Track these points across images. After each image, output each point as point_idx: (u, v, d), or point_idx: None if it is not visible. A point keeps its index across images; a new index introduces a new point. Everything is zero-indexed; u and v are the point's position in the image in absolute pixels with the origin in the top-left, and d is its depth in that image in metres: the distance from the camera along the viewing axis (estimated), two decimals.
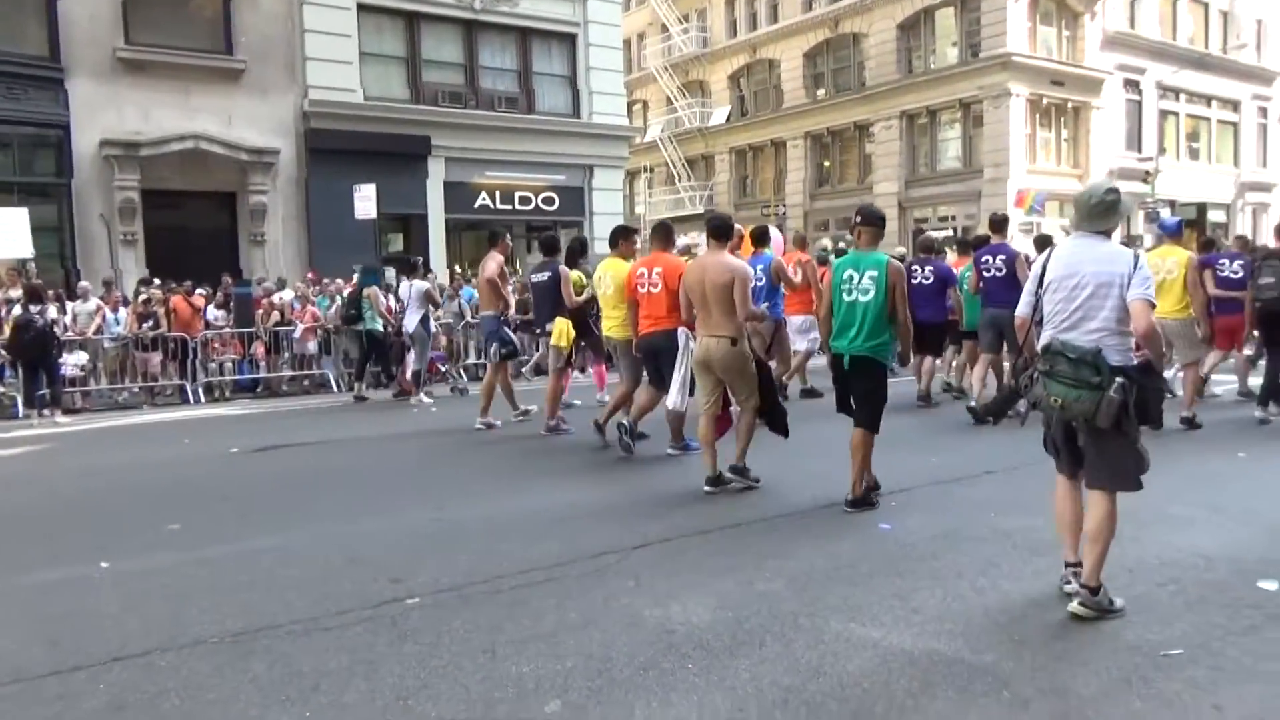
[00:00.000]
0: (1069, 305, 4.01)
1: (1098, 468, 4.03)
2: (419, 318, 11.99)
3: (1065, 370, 3.90)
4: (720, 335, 6.22)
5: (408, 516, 6.06)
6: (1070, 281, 4.01)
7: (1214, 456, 7.32)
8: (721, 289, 6.13)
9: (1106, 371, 3.83)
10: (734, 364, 6.27)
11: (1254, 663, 3.49)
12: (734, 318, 6.18)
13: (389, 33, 19.72)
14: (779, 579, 4.52)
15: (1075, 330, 3.98)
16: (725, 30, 38.43)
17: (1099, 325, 3.93)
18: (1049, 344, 4.03)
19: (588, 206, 22.17)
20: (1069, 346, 3.93)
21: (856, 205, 22.17)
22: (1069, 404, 3.90)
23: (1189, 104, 34.38)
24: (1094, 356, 3.86)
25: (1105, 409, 3.80)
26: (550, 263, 9.33)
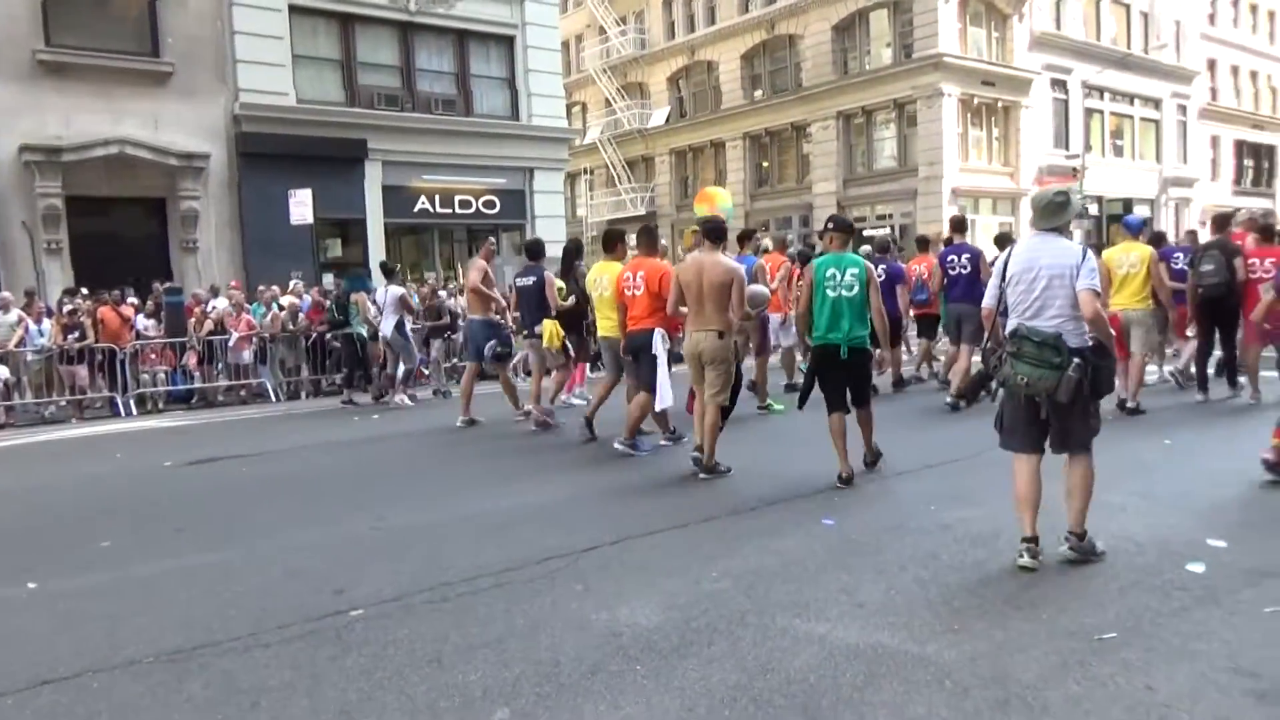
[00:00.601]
0: (1029, 296, 4.51)
1: (1064, 436, 4.57)
2: (394, 322, 12.03)
3: (1031, 352, 4.38)
4: (710, 329, 6.71)
5: (349, 526, 5.96)
6: (1029, 275, 4.51)
7: (1143, 444, 7.55)
8: (719, 288, 6.61)
9: (1066, 353, 4.34)
10: (719, 355, 6.76)
11: (1183, 643, 3.60)
12: (725, 314, 6.67)
13: (323, 35, 19.38)
14: (726, 578, 4.54)
15: (1038, 318, 4.47)
16: (663, 32, 38.58)
17: (1056, 312, 4.44)
18: (1015, 330, 4.51)
19: (529, 209, 22.06)
20: (1033, 332, 4.42)
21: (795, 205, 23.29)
22: (1034, 382, 4.38)
23: (1113, 102, 35.45)
24: (1055, 340, 4.36)
25: (1065, 385, 4.31)
26: (535, 267, 9.55)
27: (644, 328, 7.54)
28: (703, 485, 6.69)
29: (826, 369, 6.46)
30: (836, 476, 6.38)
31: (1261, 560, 4.52)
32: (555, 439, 9.16)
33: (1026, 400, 4.53)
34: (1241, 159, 43.41)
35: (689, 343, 6.89)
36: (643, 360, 7.60)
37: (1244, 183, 43.56)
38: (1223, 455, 7.09)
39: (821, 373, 6.48)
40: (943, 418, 9.25)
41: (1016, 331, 4.49)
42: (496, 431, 10.05)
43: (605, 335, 8.65)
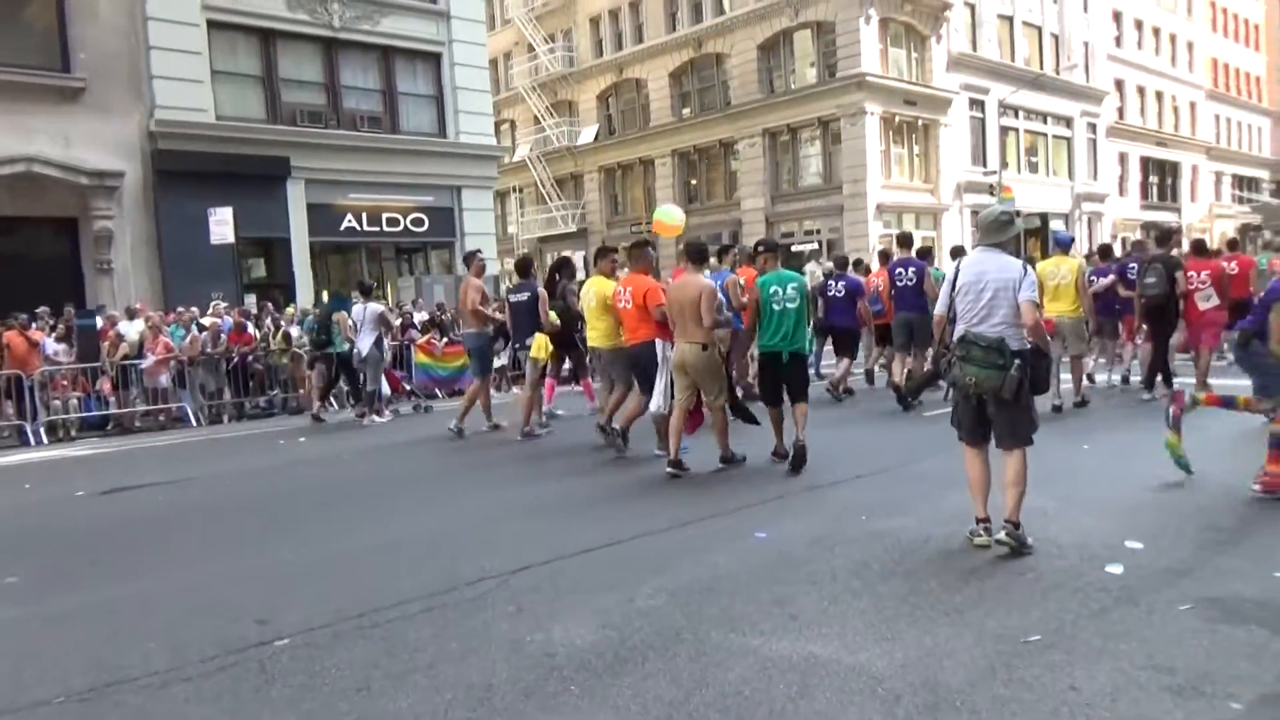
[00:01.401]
0: (976, 304, 4.98)
1: (1005, 432, 5.02)
2: (372, 340, 12.18)
3: (979, 355, 4.87)
4: (693, 342, 7.25)
5: (273, 554, 5.79)
6: (977, 285, 4.98)
7: (1062, 450, 7.77)
8: (691, 303, 7.18)
9: (1009, 355, 4.83)
10: (705, 366, 7.29)
11: (1104, 643, 3.70)
12: (704, 327, 7.20)
13: (243, 50, 19.00)
14: (660, 594, 4.52)
15: (984, 324, 4.95)
16: (592, 50, 38.76)
17: (1000, 320, 4.92)
18: (964, 335, 4.98)
19: (459, 227, 21.89)
20: (980, 337, 4.90)
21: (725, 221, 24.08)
22: (981, 381, 4.89)
23: (1027, 121, 36.74)
24: (999, 344, 4.85)
25: (1009, 384, 4.81)
26: (527, 283, 9.98)
27: (640, 339, 8.10)
28: (633, 502, 6.68)
29: (771, 370, 7.40)
30: (772, 452, 7.53)
31: (1175, 560, 4.68)
32: (479, 458, 9.07)
33: (975, 399, 5.01)
34: (1148, 175, 45.36)
35: (675, 355, 7.46)
36: (649, 369, 8.15)
37: (1151, 197, 45.52)
38: (1138, 459, 7.33)
39: (765, 373, 7.47)
40: (874, 428, 9.42)
41: (965, 337, 4.96)
42: (422, 451, 9.92)
43: (592, 344, 9.11)
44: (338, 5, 19.61)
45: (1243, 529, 5.18)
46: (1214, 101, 50.94)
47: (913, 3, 31.01)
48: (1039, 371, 5.05)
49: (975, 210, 33.37)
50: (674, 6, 35.39)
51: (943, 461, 7.62)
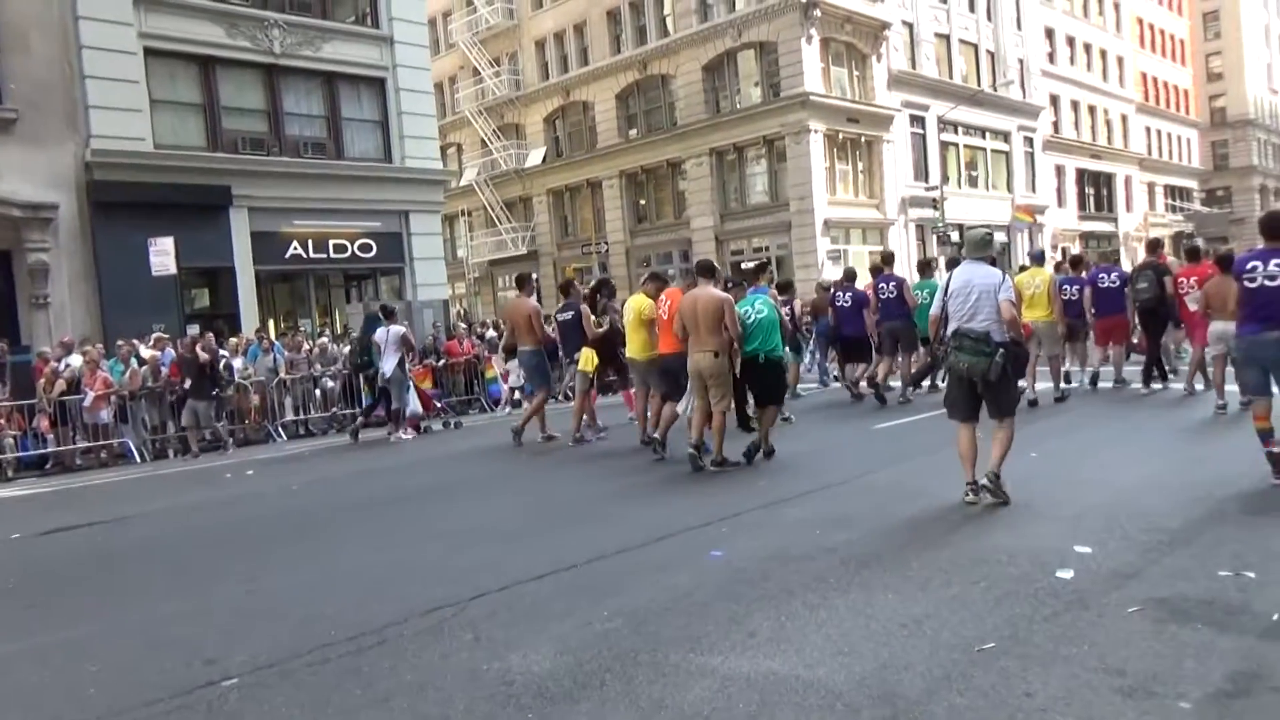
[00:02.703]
0: (965, 305, 6.13)
1: (994, 407, 6.22)
2: (395, 361, 12.73)
3: (969, 345, 6.06)
4: (707, 350, 8.01)
5: (220, 591, 5.63)
6: (966, 290, 6.15)
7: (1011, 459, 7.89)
8: (712, 314, 7.91)
9: (993, 345, 5.99)
10: (717, 371, 8.05)
11: (1056, 647, 3.75)
12: (718, 336, 7.97)
13: (182, 78, 18.67)
14: (618, 617, 4.48)
15: (972, 321, 6.10)
16: (538, 73, 38.85)
17: (985, 317, 6.07)
18: (956, 330, 6.17)
19: (407, 252, 21.67)
20: (970, 331, 6.08)
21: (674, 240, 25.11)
22: (972, 366, 6.05)
23: (966, 136, 37.59)
24: (985, 336, 6.03)
25: (994, 369, 5.99)
26: (571, 303, 10.97)
27: (676, 350, 8.70)
28: (586, 525, 6.63)
29: (750, 373, 8.37)
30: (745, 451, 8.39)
31: (1123, 563, 4.77)
32: (436, 482, 8.97)
33: (966, 382, 6.16)
34: (1084, 186, 46.62)
35: (691, 362, 8.21)
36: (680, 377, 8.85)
37: (1088, 208, 46.78)
38: (1085, 465, 7.49)
39: (746, 375, 8.40)
40: (825, 442, 9.49)
41: (958, 331, 6.14)
42: (385, 477, 9.77)
43: (630, 356, 9.97)
44: (278, 31, 19.40)
45: (1187, 530, 5.30)
46: (1144, 115, 52.62)
47: (852, 23, 31.61)
48: (1018, 358, 6.43)
49: (919, 224, 34.03)
50: (619, 29, 35.66)
51: (893, 474, 7.74)
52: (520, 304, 11.25)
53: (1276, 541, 4.98)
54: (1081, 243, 44.64)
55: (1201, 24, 62.95)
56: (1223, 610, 4.05)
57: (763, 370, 8.34)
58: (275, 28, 19.35)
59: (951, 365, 6.24)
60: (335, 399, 15.43)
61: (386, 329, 12.84)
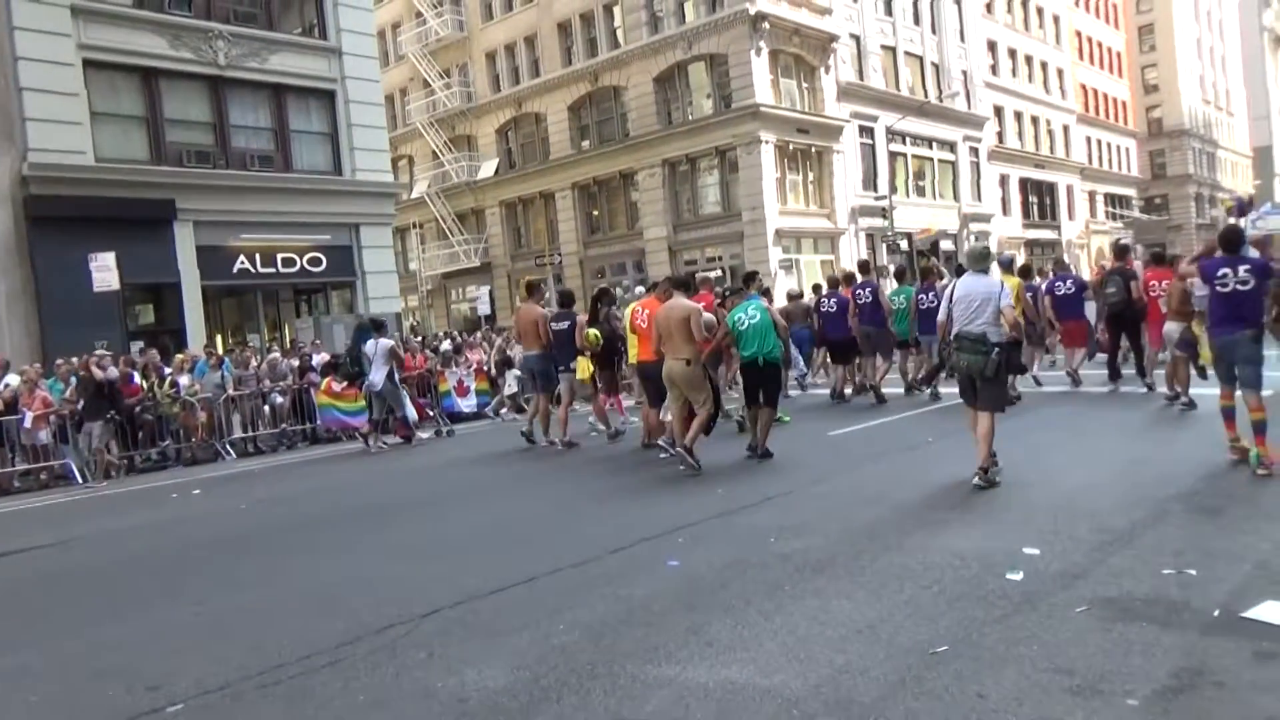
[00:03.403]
0: (968, 311, 7.01)
1: (982, 399, 7.06)
2: (385, 373, 12.90)
3: (969, 346, 6.92)
4: (680, 358, 8.45)
5: (166, 614, 5.49)
6: (968, 298, 7.04)
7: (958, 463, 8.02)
8: (680, 323, 8.36)
9: (990, 345, 6.85)
10: (690, 378, 8.49)
11: (1007, 648, 3.80)
12: (691, 344, 8.38)
13: (124, 90, 18.30)
14: (574, 630, 4.46)
15: (971, 325, 6.96)
16: (489, 85, 38.73)
17: (983, 321, 6.94)
18: (958, 332, 7.03)
19: (358, 265, 21.43)
20: (969, 333, 6.94)
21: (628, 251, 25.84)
22: (971, 364, 6.92)
23: (914, 146, 38.20)
24: (983, 337, 6.88)
25: (990, 366, 6.83)
26: (568, 313, 11.27)
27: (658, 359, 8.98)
28: (542, 537, 6.59)
29: (750, 376, 8.91)
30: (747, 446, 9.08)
31: (1070, 564, 4.86)
32: (380, 501, 8.85)
33: (967, 377, 7.06)
34: (1028, 195, 47.64)
35: (665, 369, 8.63)
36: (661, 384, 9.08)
37: (1032, 216, 47.79)
38: (1032, 468, 7.62)
39: (747, 378, 8.98)
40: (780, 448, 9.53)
41: (959, 334, 7.02)
42: (327, 498, 9.61)
43: (632, 362, 10.40)
44: (223, 43, 19.11)
45: (1131, 530, 5.41)
46: (1084, 125, 53.96)
47: (800, 35, 32.00)
48: (1014, 358, 7.49)
49: (870, 233, 34.47)
50: (570, 41, 35.70)
51: (847, 480, 7.81)
52: (529, 310, 11.51)
53: (1216, 540, 5.11)
54: (1026, 250, 45.59)
55: (1137, 37, 64.84)
56: (1166, 608, 4.14)
57: (763, 373, 8.82)
58: (220, 39, 19.06)
59: (955, 363, 7.15)
60: (285, 415, 15.18)
61: (375, 341, 13.11)
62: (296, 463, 13.08)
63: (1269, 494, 6.06)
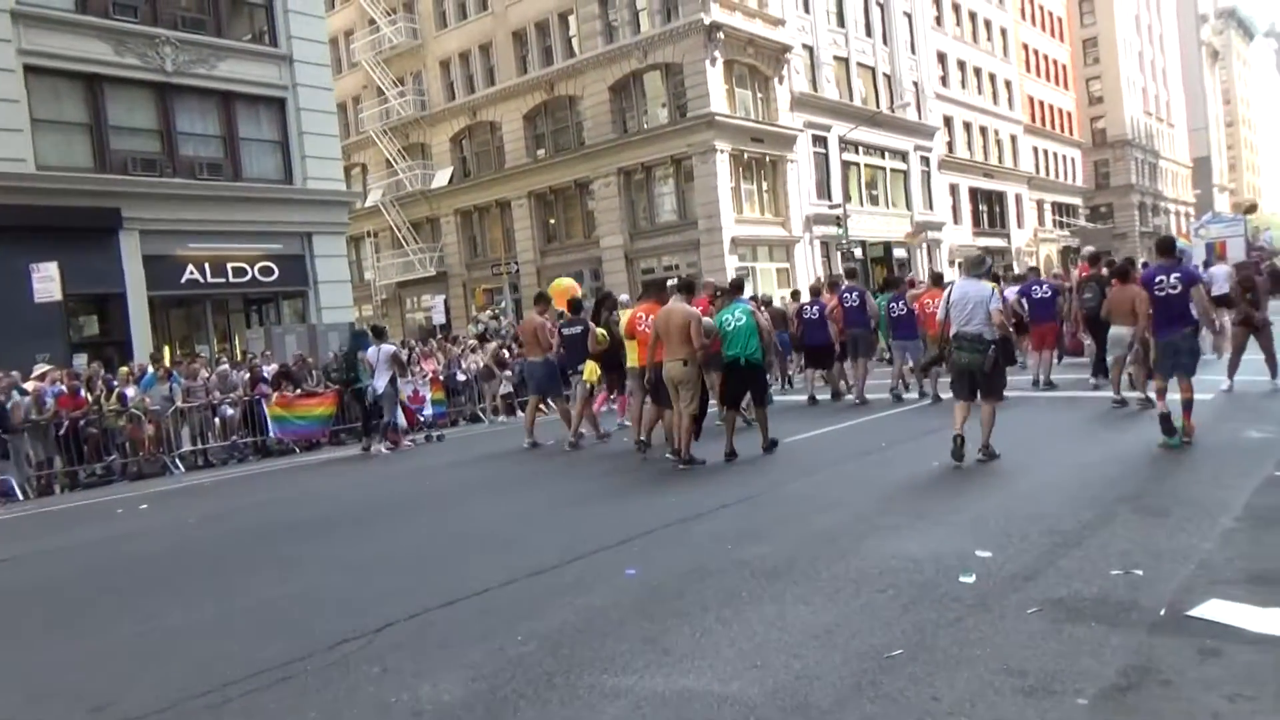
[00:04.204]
0: (963, 313, 7.87)
1: (985, 390, 8.01)
2: (388, 378, 13.31)
3: (967, 345, 7.84)
4: (678, 359, 8.87)
5: (112, 633, 5.34)
6: (963, 301, 7.89)
7: (912, 468, 8.13)
8: (680, 327, 8.81)
9: (985, 343, 7.79)
10: (687, 378, 8.93)
11: (961, 651, 3.85)
12: (688, 346, 8.81)
13: (67, 97, 17.87)
14: (532, 641, 4.42)
15: (969, 325, 7.83)
16: (443, 93, 38.52)
17: (978, 322, 7.81)
18: (957, 333, 7.90)
19: (311, 275, 21.12)
20: (966, 333, 7.84)
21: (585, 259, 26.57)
22: (972, 361, 7.83)
23: (866, 156, 38.71)
24: (978, 336, 7.79)
25: (987, 361, 7.79)
26: (579, 319, 11.90)
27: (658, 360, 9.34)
28: (499, 547, 6.54)
29: (732, 376, 9.42)
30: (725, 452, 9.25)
31: (1022, 566, 4.93)
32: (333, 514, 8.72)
33: (965, 371, 7.94)
34: (978, 204, 48.50)
35: (665, 370, 9.01)
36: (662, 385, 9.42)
37: (982, 225, 48.65)
38: (983, 471, 7.74)
39: (729, 378, 9.49)
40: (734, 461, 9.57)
41: (957, 334, 7.89)
42: (279, 511, 9.45)
43: (630, 365, 10.82)
44: (170, 49, 18.76)
45: (1081, 532, 5.51)
46: (1031, 135, 55.12)
47: (755, 45, 32.29)
48: (1007, 352, 9.17)
49: (824, 241, 34.81)
50: (525, 49, 35.64)
51: (802, 486, 7.86)
52: (531, 318, 12.23)
53: (1161, 541, 5.22)
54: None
55: (1082, 50, 66.43)
56: (1114, 608, 4.22)
57: (744, 372, 9.31)
58: (167, 45, 18.72)
59: (954, 360, 7.98)
60: (236, 427, 14.90)
61: (378, 348, 13.57)
62: (247, 476, 12.84)
63: (1211, 495, 6.21)
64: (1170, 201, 75.68)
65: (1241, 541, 5.12)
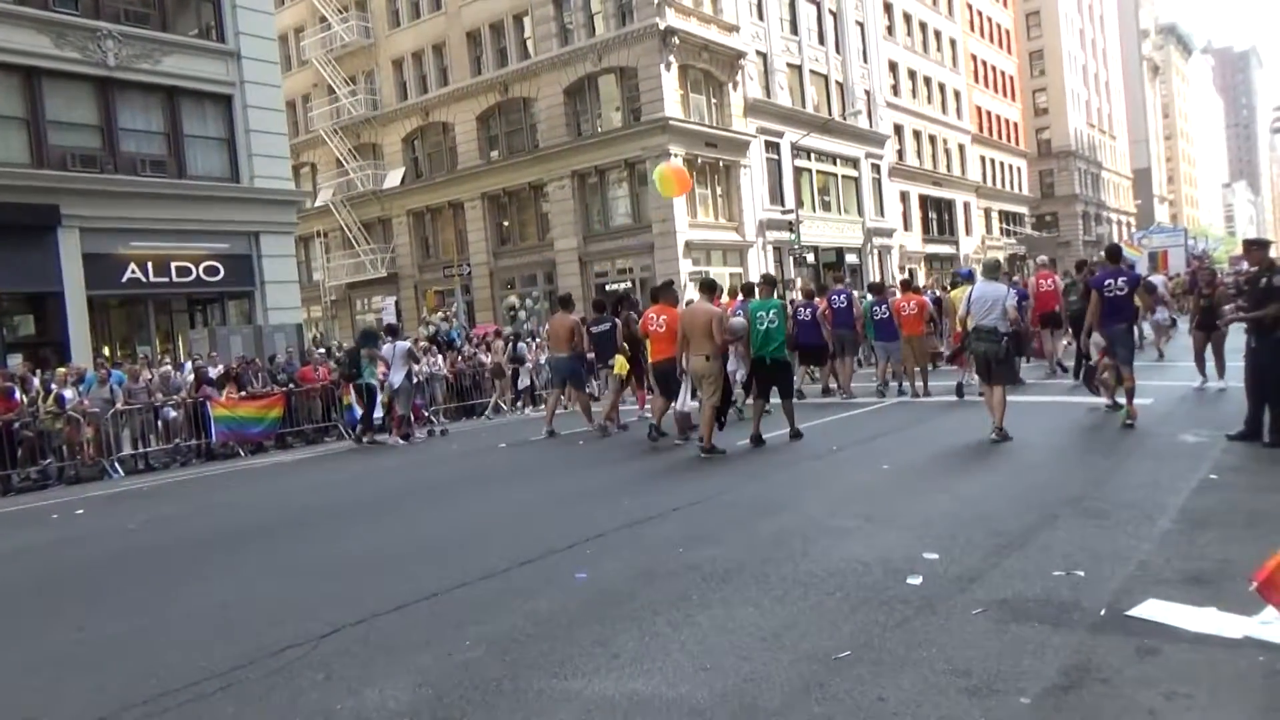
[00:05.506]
0: (983, 308, 9.11)
1: (997, 376, 9.11)
2: (403, 374, 14.05)
3: (985, 336, 9.06)
4: (701, 354, 9.61)
5: (42, 642, 5.17)
6: (983, 300, 9.15)
7: (862, 471, 8.22)
8: (703, 325, 9.55)
9: (999, 334, 9.00)
10: (709, 372, 9.67)
11: (907, 652, 3.88)
12: (711, 342, 9.54)
13: (2, 90, 17.33)
14: (480, 645, 4.37)
15: (986, 320, 9.06)
16: (395, 93, 38.13)
17: (995, 316, 9.04)
18: (977, 326, 9.13)
19: (258, 275, 20.72)
20: (984, 327, 9.06)
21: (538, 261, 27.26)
22: (988, 350, 9.05)
23: (819, 162, 39.12)
24: (994, 329, 9.02)
25: (1000, 350, 9.00)
26: (605, 316, 12.93)
27: (670, 355, 10.39)
28: (448, 551, 6.46)
29: (758, 372, 10.28)
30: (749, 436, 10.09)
31: (967, 567, 5.00)
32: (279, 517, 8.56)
33: (983, 358, 9.16)
34: (927, 211, 49.30)
35: (690, 365, 9.78)
36: (671, 380, 10.59)
37: (932, 232, 49.46)
38: (932, 475, 7.85)
39: (756, 374, 10.34)
40: (690, 458, 9.58)
41: (977, 327, 9.12)
42: (222, 516, 9.25)
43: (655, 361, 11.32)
44: (113, 43, 18.30)
45: (1024, 534, 5.61)
46: (979, 145, 56.20)
47: (709, 51, 32.46)
48: (1020, 343, 10.93)
49: (777, 246, 35.09)
50: (479, 50, 35.42)
51: (753, 490, 7.89)
52: (563, 318, 13.10)
53: (1102, 543, 5.33)
54: (926, 265, 47.17)
55: (1028, 62, 67.97)
56: (1057, 608, 4.30)
57: (770, 369, 10.13)
58: (109, 39, 18.26)
59: (973, 349, 9.29)
60: (179, 429, 14.56)
61: (393, 345, 14.36)
62: (189, 479, 12.55)
63: (1150, 498, 6.36)
64: (1113, 211, 77.73)
65: (1178, 543, 5.25)
